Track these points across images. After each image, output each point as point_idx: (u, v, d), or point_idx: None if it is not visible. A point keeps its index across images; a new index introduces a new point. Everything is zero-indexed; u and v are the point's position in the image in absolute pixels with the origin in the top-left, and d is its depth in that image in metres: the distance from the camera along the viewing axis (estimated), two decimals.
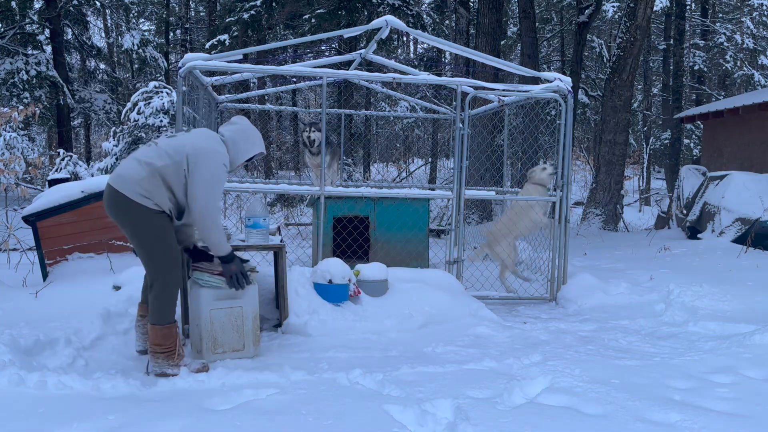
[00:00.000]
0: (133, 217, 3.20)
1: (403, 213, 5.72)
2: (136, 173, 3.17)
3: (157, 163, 3.19)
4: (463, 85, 5.63)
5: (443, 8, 19.57)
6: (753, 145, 10.63)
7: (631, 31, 11.21)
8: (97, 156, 21.25)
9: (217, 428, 2.56)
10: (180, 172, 3.22)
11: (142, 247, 3.25)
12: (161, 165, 3.19)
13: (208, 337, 3.52)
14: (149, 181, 3.17)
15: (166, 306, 3.27)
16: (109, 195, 3.24)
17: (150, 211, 3.19)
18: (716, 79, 23.21)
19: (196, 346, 3.56)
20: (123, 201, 3.18)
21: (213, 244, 3.31)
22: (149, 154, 3.24)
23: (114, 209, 3.24)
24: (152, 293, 3.26)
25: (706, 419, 2.68)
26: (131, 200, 3.16)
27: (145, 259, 3.29)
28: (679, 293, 5.22)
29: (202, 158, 3.21)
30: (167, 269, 3.25)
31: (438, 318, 4.49)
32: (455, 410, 2.77)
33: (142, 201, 3.16)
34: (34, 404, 2.72)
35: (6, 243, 7.01)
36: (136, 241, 3.26)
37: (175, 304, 3.32)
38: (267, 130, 20.30)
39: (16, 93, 15.12)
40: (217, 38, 14.64)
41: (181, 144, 3.26)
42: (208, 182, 3.20)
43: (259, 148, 3.49)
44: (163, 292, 3.25)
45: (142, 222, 3.20)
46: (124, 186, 3.17)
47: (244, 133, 3.46)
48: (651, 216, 15.26)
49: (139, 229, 3.22)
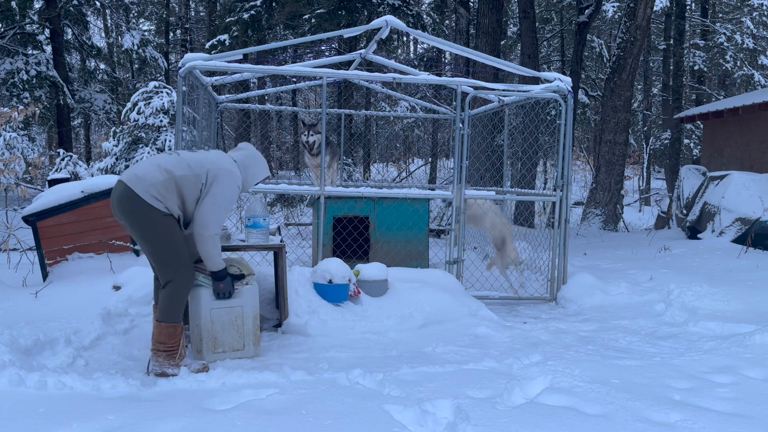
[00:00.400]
0: (143, 217, 3.23)
1: (403, 213, 5.72)
2: (153, 176, 3.24)
3: (177, 172, 3.27)
4: (463, 85, 5.63)
5: (443, 8, 19.56)
6: (753, 145, 10.63)
7: (631, 31, 11.21)
8: (97, 156, 21.25)
9: (217, 428, 2.56)
10: (197, 184, 3.30)
11: (153, 247, 3.28)
12: (180, 174, 3.28)
13: (209, 336, 3.53)
14: (164, 186, 3.24)
15: (176, 305, 3.32)
16: (121, 193, 3.26)
17: (160, 212, 3.24)
18: (716, 79, 23.22)
19: (196, 346, 3.56)
20: (135, 200, 3.21)
21: (208, 259, 3.38)
22: (171, 162, 3.31)
23: (124, 207, 3.25)
24: (164, 291, 3.32)
25: (706, 419, 2.68)
26: (143, 200, 3.21)
27: (156, 259, 3.31)
28: (679, 293, 5.22)
29: (222, 176, 3.33)
30: (178, 269, 3.29)
31: (438, 318, 4.49)
32: (455, 410, 2.77)
33: (154, 203, 3.22)
34: (34, 404, 2.73)
35: (6, 243, 7.01)
36: (146, 242, 3.28)
37: (184, 304, 3.38)
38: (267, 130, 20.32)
39: (16, 93, 15.11)
40: (217, 38, 14.64)
41: (203, 160, 3.37)
42: (219, 200, 3.31)
43: (266, 173, 3.63)
44: (174, 292, 3.30)
45: (153, 222, 3.24)
46: (138, 185, 3.22)
47: (254, 158, 3.58)
48: (651, 216, 15.28)
49: (149, 229, 3.25)
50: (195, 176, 3.30)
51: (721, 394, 3.03)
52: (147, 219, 3.23)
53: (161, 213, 3.24)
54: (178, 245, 3.29)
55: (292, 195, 12.19)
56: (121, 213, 3.27)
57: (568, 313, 5.22)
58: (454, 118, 6.97)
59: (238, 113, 17.75)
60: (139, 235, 3.28)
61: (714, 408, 2.85)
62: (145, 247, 3.30)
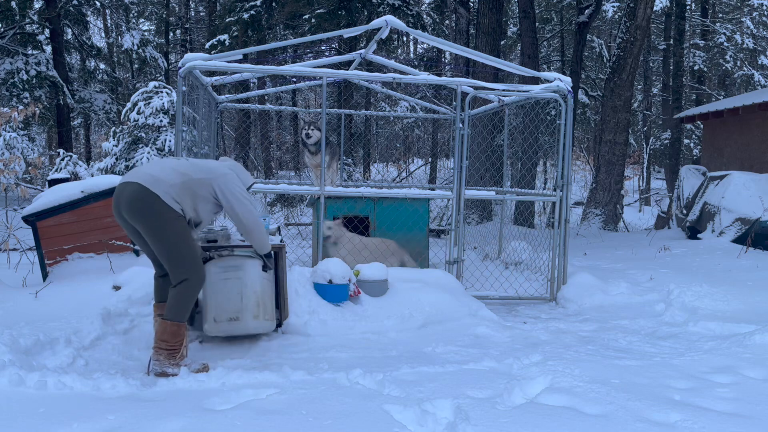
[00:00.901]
0: (160, 217, 3.25)
1: (403, 213, 5.72)
2: (171, 179, 3.33)
3: (194, 175, 3.41)
4: (463, 85, 5.63)
5: (443, 8, 19.56)
6: (753, 145, 10.63)
7: (631, 31, 11.21)
8: (97, 156, 21.25)
9: (217, 428, 2.56)
10: (210, 188, 3.44)
11: (170, 247, 3.30)
12: (198, 178, 3.41)
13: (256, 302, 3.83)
14: (182, 188, 3.34)
15: (186, 304, 3.35)
16: (135, 193, 3.25)
17: (176, 213, 3.30)
18: (716, 79, 23.22)
19: (253, 312, 3.80)
20: (154, 201, 3.24)
21: (262, 247, 3.68)
22: (185, 166, 3.44)
23: (137, 207, 3.25)
24: (175, 289, 3.34)
25: (706, 419, 2.68)
26: (163, 201, 3.25)
27: (172, 259, 3.32)
28: (679, 293, 5.22)
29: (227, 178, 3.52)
30: (193, 269, 3.34)
31: (438, 318, 4.49)
32: (455, 410, 2.77)
33: (172, 204, 3.28)
34: (34, 404, 2.72)
35: (6, 243, 7.01)
36: (162, 242, 3.29)
37: (193, 304, 3.42)
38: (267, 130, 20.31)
39: (16, 93, 15.10)
40: (217, 38, 14.65)
41: (212, 165, 3.57)
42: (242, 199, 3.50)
43: (252, 179, 3.80)
44: (186, 290, 3.33)
45: (170, 223, 3.27)
46: (158, 187, 3.26)
47: (240, 167, 3.78)
48: (651, 216, 15.28)
49: (167, 230, 3.27)
50: (209, 180, 3.44)
51: (721, 394, 3.03)
52: (163, 219, 3.26)
53: (177, 214, 3.31)
54: (193, 246, 3.37)
55: (292, 195, 12.19)
56: (133, 213, 3.26)
57: (568, 313, 5.22)
58: (454, 118, 6.97)
59: (238, 113, 17.75)
60: (154, 235, 3.28)
61: (714, 408, 2.85)
62: (160, 247, 3.30)
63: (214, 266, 3.87)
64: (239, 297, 3.79)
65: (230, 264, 3.86)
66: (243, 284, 3.81)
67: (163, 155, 10.62)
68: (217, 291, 3.81)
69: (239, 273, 3.83)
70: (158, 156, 10.53)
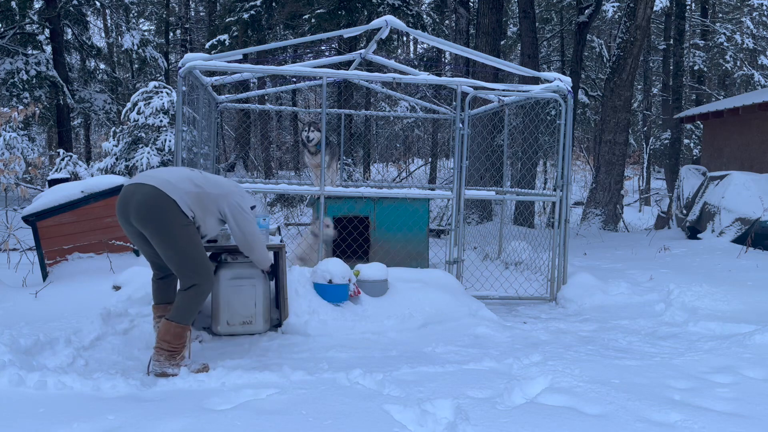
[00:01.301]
0: (173, 222, 3.26)
1: (403, 213, 5.72)
2: (187, 187, 3.37)
3: (208, 189, 3.48)
4: (463, 85, 5.63)
5: (443, 8, 19.56)
6: (753, 145, 10.63)
7: (631, 31, 11.21)
8: (97, 156, 21.26)
9: (217, 428, 2.56)
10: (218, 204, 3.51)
11: (181, 253, 3.30)
12: (210, 192, 3.48)
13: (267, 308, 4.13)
14: (197, 198, 3.39)
15: (193, 308, 3.36)
16: (150, 196, 3.24)
17: (188, 220, 3.33)
18: (716, 79, 23.22)
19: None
20: (169, 205, 3.25)
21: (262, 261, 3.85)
22: (200, 179, 3.50)
23: (152, 209, 3.24)
24: (185, 293, 3.35)
25: (706, 419, 2.68)
26: (179, 207, 3.27)
27: (182, 264, 3.32)
28: (679, 293, 5.22)
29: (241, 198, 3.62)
30: (204, 275, 3.36)
31: (438, 318, 4.49)
32: (455, 410, 2.77)
33: (186, 211, 3.32)
34: (34, 404, 2.73)
35: (6, 243, 7.01)
36: (172, 247, 3.28)
37: (199, 308, 3.44)
38: (267, 130, 20.31)
39: (16, 93, 15.09)
40: (217, 38, 14.64)
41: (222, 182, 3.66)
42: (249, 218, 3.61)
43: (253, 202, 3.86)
44: (196, 295, 3.34)
45: (183, 229, 3.29)
46: (174, 191, 3.28)
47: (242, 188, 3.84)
48: (651, 216, 15.28)
49: (178, 236, 3.28)
50: (219, 195, 3.51)
51: (721, 394, 3.03)
52: (176, 225, 3.27)
53: (189, 221, 3.34)
54: (203, 252, 3.42)
55: (292, 195, 12.19)
56: (146, 215, 3.24)
57: (568, 313, 5.22)
58: (454, 118, 6.97)
59: (238, 113, 17.76)
60: (165, 240, 3.27)
61: (714, 408, 2.85)
62: (171, 252, 3.30)
63: (226, 272, 4.06)
64: (253, 303, 4.11)
65: (244, 272, 4.10)
66: (257, 292, 4.12)
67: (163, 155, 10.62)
68: (231, 296, 4.08)
69: (254, 281, 4.12)
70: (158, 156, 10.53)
